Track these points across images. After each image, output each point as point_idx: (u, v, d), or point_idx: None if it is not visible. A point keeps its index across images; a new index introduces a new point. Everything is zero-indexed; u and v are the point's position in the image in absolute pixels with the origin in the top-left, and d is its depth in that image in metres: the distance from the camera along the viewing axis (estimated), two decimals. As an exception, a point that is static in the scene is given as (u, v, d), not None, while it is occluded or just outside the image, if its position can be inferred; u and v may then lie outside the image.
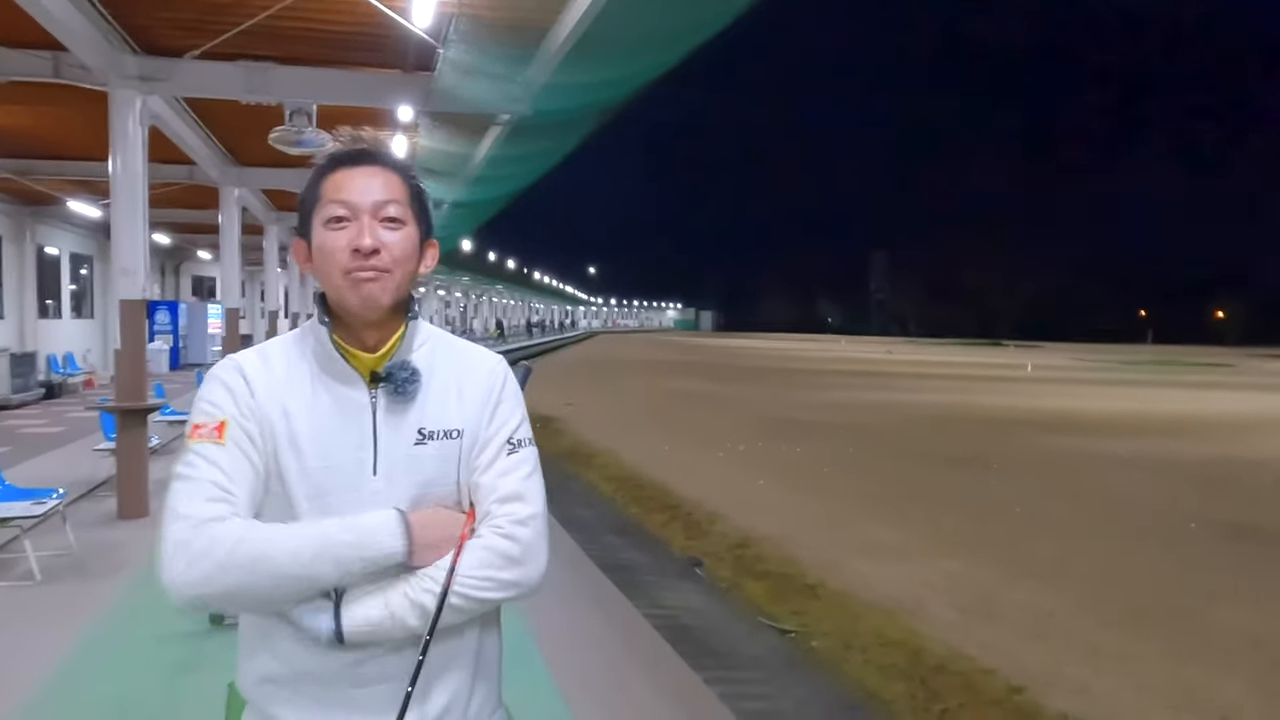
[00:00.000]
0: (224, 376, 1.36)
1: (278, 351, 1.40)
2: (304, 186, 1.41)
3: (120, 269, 7.16)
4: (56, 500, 5.88)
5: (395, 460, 1.35)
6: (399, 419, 1.36)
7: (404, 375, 1.36)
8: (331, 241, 1.34)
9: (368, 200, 1.34)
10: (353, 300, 1.34)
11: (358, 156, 1.38)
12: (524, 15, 6.09)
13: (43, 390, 16.39)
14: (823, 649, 5.59)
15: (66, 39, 6.21)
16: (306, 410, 1.34)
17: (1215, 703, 4.78)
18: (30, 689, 3.99)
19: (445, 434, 1.38)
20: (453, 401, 1.40)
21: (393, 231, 1.35)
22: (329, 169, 1.38)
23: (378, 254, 1.33)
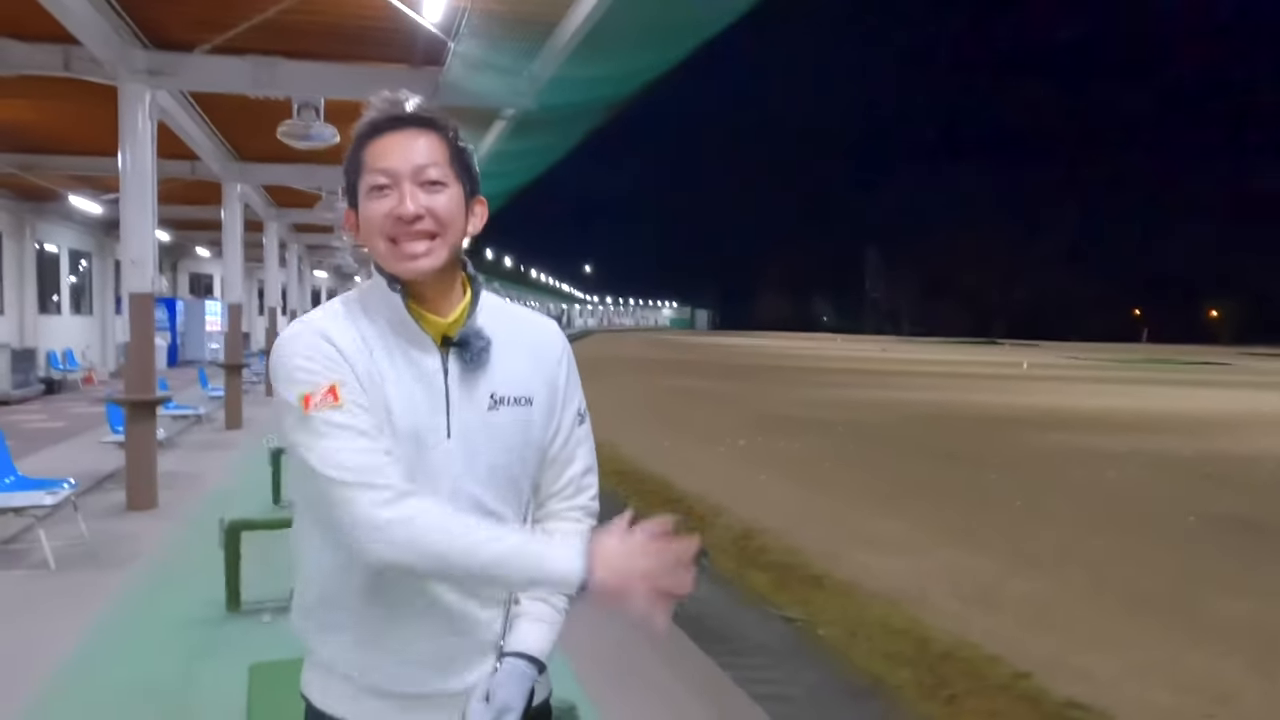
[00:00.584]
0: (308, 342, 1.32)
1: (342, 316, 1.37)
2: (347, 154, 1.40)
3: (130, 261, 7.20)
4: (69, 490, 5.94)
5: (469, 424, 1.36)
6: (471, 384, 1.37)
7: (479, 344, 1.36)
8: (374, 209, 1.33)
9: (408, 165, 1.32)
10: (399, 268, 1.33)
11: (395, 121, 1.35)
12: (534, 9, 6.15)
13: (43, 386, 16.43)
14: (829, 637, 5.66)
15: (79, 31, 6.26)
16: (381, 373, 1.33)
17: (1215, 684, 4.86)
18: (51, 672, 4.05)
19: (516, 400, 1.39)
20: (524, 369, 1.41)
21: (436, 194, 1.33)
22: (368, 135, 1.36)
23: (421, 219, 1.32)
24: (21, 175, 12.80)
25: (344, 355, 1.31)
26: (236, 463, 9.62)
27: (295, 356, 1.31)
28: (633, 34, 6.25)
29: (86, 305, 21.24)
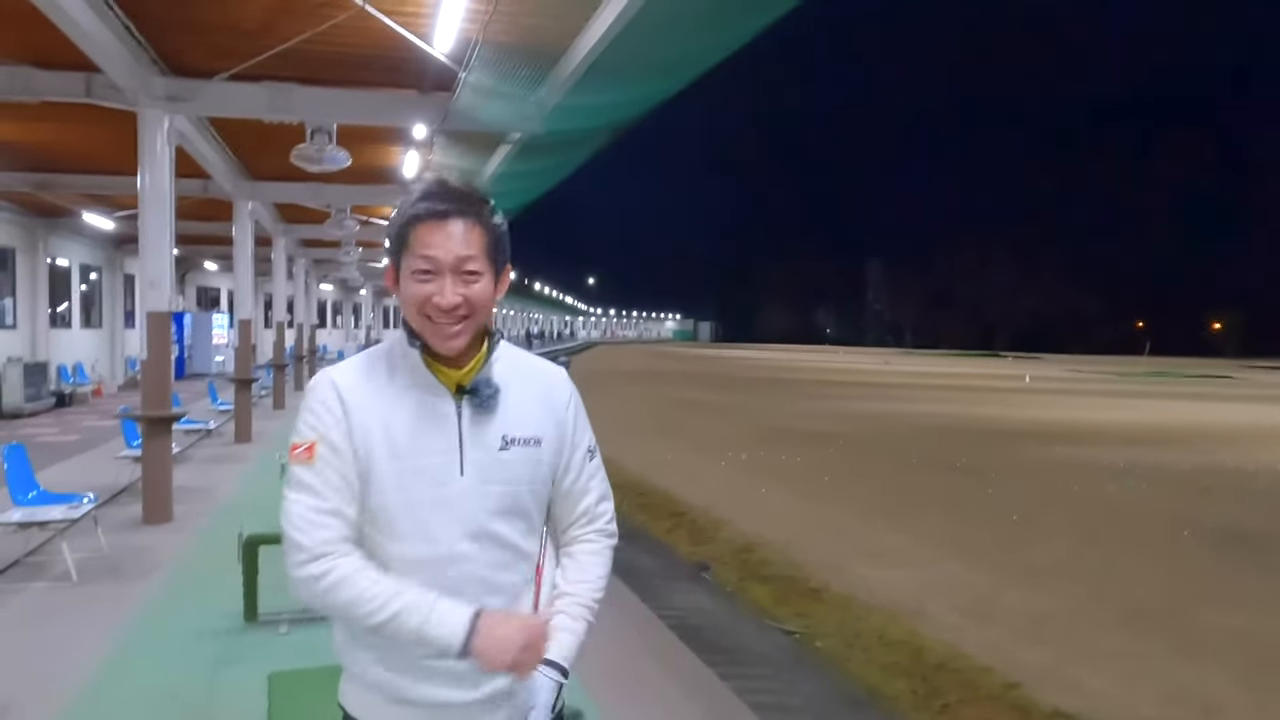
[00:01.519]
0: (318, 392, 1.52)
1: (367, 367, 1.56)
2: (391, 222, 1.54)
3: (148, 282, 7.41)
4: (89, 504, 6.12)
5: (481, 463, 1.51)
6: (483, 427, 1.53)
7: (488, 392, 1.53)
8: (416, 291, 1.49)
9: (450, 256, 1.48)
10: (433, 344, 1.51)
11: (443, 212, 1.48)
12: (542, 40, 6.35)
13: (54, 399, 16.62)
14: (827, 648, 5.82)
15: (101, 60, 6.47)
16: (399, 418, 1.50)
17: (1202, 696, 5.02)
18: (79, 681, 4.22)
19: (525, 441, 1.55)
20: (533, 412, 1.58)
21: (473, 284, 1.50)
22: (417, 220, 1.49)
23: (458, 308, 1.49)
24: (37, 193, 13.03)
25: (347, 407, 1.49)
26: (248, 477, 9.79)
27: (305, 407, 1.52)
28: (637, 64, 6.45)
29: (96, 319, 21.47)
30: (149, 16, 6.44)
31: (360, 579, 1.45)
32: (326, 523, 1.47)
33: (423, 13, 6.10)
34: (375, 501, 1.49)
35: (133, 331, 22.60)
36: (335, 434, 1.48)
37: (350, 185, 13.07)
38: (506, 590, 1.55)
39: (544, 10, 5.94)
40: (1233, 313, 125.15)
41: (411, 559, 1.49)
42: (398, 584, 1.45)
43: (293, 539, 1.47)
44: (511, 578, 1.55)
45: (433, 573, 1.48)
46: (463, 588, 1.48)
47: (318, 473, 1.48)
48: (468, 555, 1.50)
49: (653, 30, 5.77)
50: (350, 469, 1.48)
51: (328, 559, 1.45)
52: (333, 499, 1.47)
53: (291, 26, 6.35)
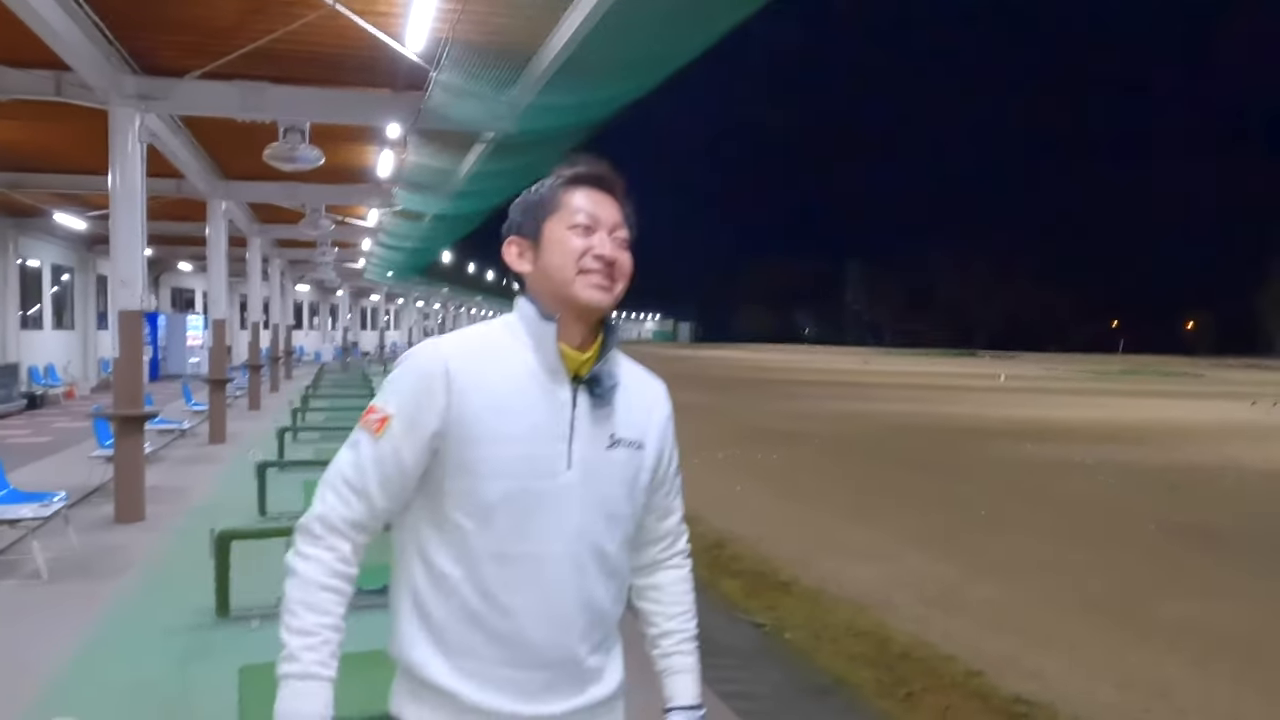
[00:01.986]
0: (421, 362, 1.44)
1: (484, 339, 1.50)
2: (534, 192, 1.54)
3: (119, 281, 7.40)
4: (60, 503, 6.12)
5: (589, 459, 1.46)
6: (595, 421, 1.48)
7: (609, 383, 1.49)
8: (574, 243, 1.47)
9: (610, 218, 1.50)
10: (582, 296, 1.46)
11: (603, 180, 1.53)
12: (513, 39, 6.41)
13: (25, 401, 16.48)
14: (795, 640, 5.91)
15: (71, 59, 6.48)
16: (510, 399, 1.42)
17: (1157, 682, 5.15)
18: (50, 675, 4.24)
19: (630, 443, 1.51)
20: (640, 416, 1.55)
21: (622, 251, 1.51)
22: (574, 183, 1.52)
23: (614, 265, 1.49)
24: (8, 193, 12.93)
25: (452, 388, 1.41)
26: (221, 476, 9.78)
27: (402, 374, 1.46)
28: (608, 64, 6.53)
29: (68, 320, 21.30)
30: (119, 15, 6.45)
31: (313, 593, 1.39)
32: (350, 501, 1.42)
33: (394, 12, 6.15)
34: (469, 486, 1.41)
35: (105, 333, 22.41)
36: (420, 416, 1.41)
37: (325, 185, 13.07)
38: (603, 615, 1.49)
39: (514, 10, 6.00)
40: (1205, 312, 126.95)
41: (502, 553, 1.41)
42: (328, 628, 1.38)
43: (322, 494, 1.44)
44: (604, 592, 1.48)
45: (524, 572, 1.41)
46: (555, 595, 1.42)
47: (377, 448, 1.41)
48: (561, 558, 1.43)
49: (623, 30, 5.85)
50: (415, 459, 1.42)
51: (320, 541, 1.41)
52: (372, 481, 1.42)
53: (263, 25, 6.38)
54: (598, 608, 1.47)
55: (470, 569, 1.41)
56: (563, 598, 1.43)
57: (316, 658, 1.37)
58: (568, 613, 1.43)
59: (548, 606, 1.42)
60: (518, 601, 1.40)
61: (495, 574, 1.40)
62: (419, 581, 1.44)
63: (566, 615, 1.43)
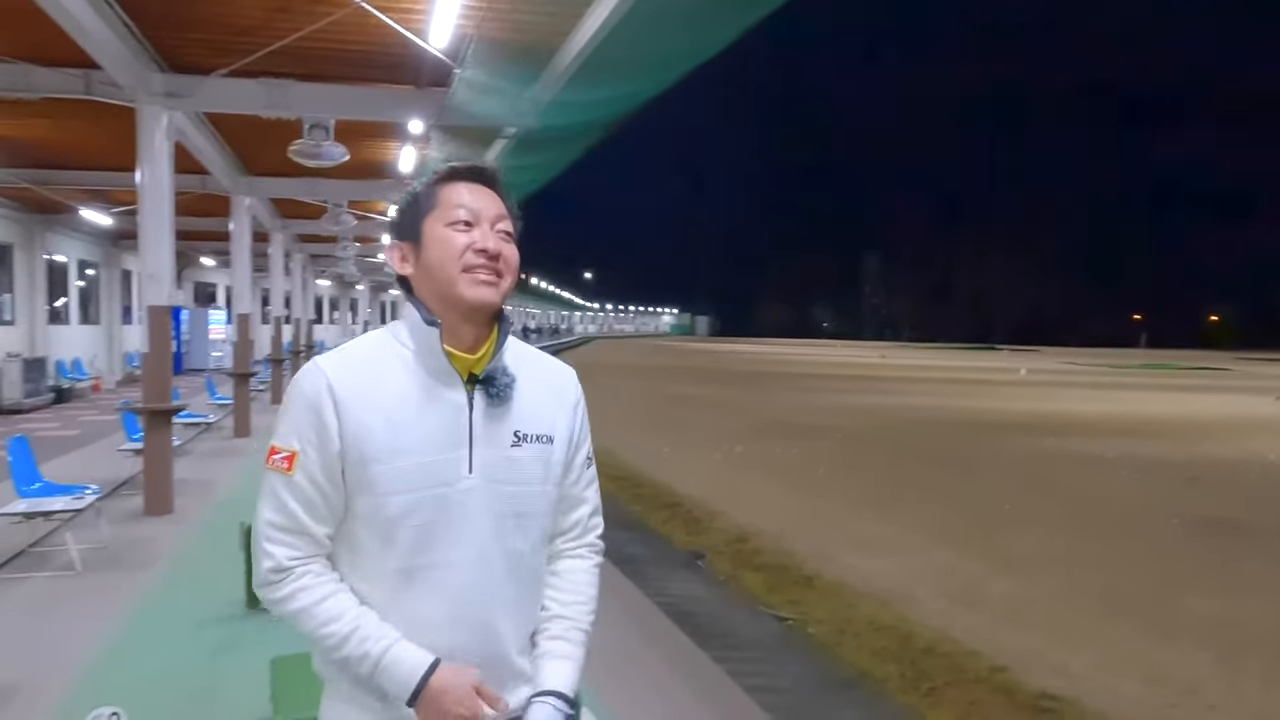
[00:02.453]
0: (307, 389, 1.39)
1: (366, 352, 1.44)
2: (410, 194, 1.49)
3: (148, 276, 7.49)
4: (93, 495, 6.21)
5: (492, 460, 1.41)
6: (495, 421, 1.43)
7: (504, 381, 1.43)
8: (455, 240, 1.42)
9: (490, 211, 1.45)
10: (468, 295, 1.40)
11: (478, 173, 1.48)
12: (535, 36, 6.44)
13: (53, 394, 16.69)
14: (818, 634, 5.93)
15: (100, 57, 6.55)
16: (401, 410, 1.38)
17: (1184, 678, 5.14)
18: (85, 664, 4.32)
19: (538, 438, 1.46)
20: (546, 408, 1.49)
21: (506, 244, 1.46)
22: (449, 179, 1.47)
23: (498, 259, 1.43)
24: (36, 190, 13.10)
25: (340, 405, 1.36)
26: (247, 470, 9.88)
27: (290, 403, 1.41)
28: (630, 60, 6.54)
29: (94, 315, 21.54)
30: (148, 13, 6.52)
31: (320, 610, 1.37)
32: (294, 543, 1.38)
33: (418, 9, 6.19)
34: (371, 504, 1.37)
35: (130, 327, 22.67)
36: (320, 440, 1.37)
37: (347, 180, 13.15)
38: (524, 615, 1.47)
39: (538, 7, 6.03)
40: (1229, 306, 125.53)
41: (410, 567, 1.38)
42: (356, 619, 1.37)
43: (263, 549, 1.39)
44: (522, 592, 1.46)
45: (434, 583, 1.38)
46: (468, 603, 1.39)
47: (292, 486, 1.38)
48: (471, 564, 1.39)
49: (645, 26, 5.86)
50: (333, 483, 1.38)
51: (289, 581, 1.38)
52: (302, 516, 1.38)
53: (289, 23, 6.43)
54: (518, 609, 1.45)
55: (380, 584, 1.38)
56: (477, 604, 1.40)
57: (374, 641, 1.36)
58: (484, 618, 1.41)
59: (462, 614, 1.39)
60: (430, 612, 1.38)
61: (406, 589, 1.37)
62: None
63: (483, 621, 1.40)
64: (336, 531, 1.42)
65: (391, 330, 1.46)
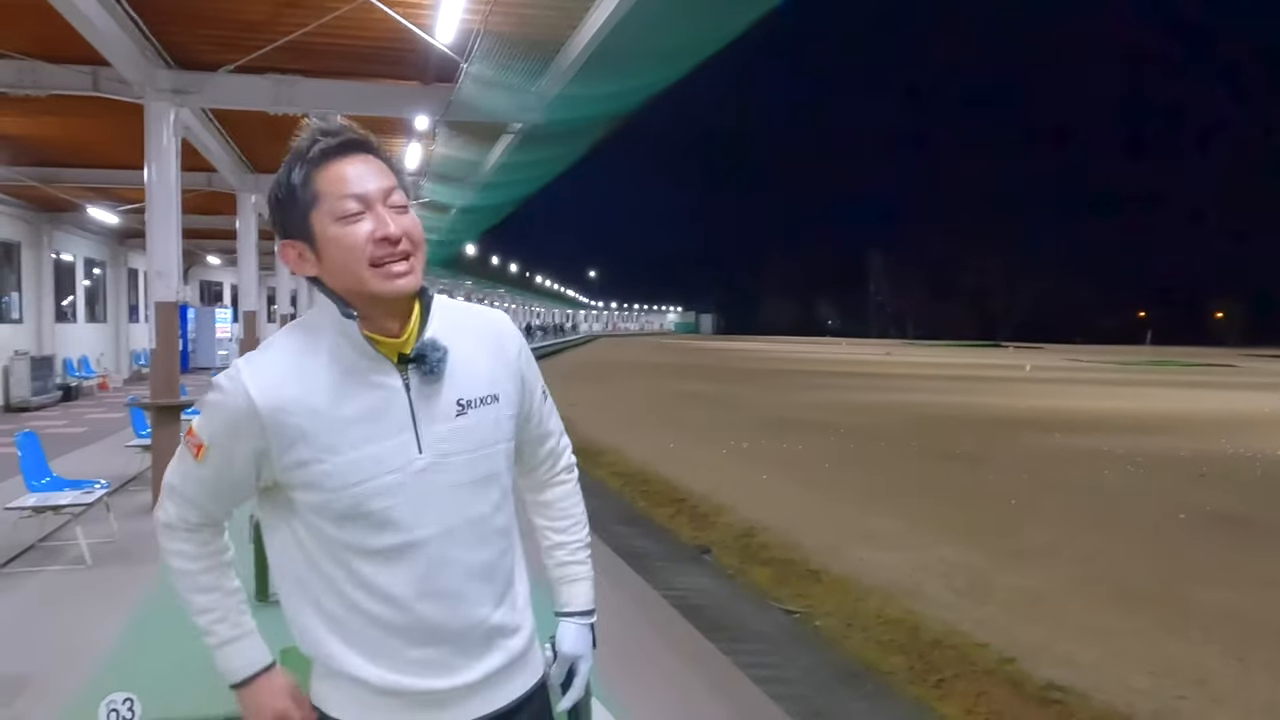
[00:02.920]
0: (226, 400, 1.35)
1: (289, 353, 1.38)
2: (283, 186, 1.37)
3: (155, 273, 7.53)
4: (103, 490, 6.25)
5: (440, 435, 1.38)
6: (434, 396, 1.38)
7: (435, 355, 1.37)
8: (352, 235, 1.32)
9: (375, 187, 1.34)
10: (387, 289, 1.33)
11: (349, 145, 1.35)
12: (542, 31, 6.46)
13: (60, 393, 16.77)
14: (826, 627, 5.94)
15: (108, 53, 6.58)
16: (335, 405, 1.34)
17: (1192, 670, 5.13)
18: (96, 655, 4.33)
19: (483, 401, 1.43)
20: (485, 367, 1.45)
21: (405, 216, 1.36)
22: (320, 162, 1.34)
23: (402, 240, 1.34)
24: (42, 187, 13.15)
25: (263, 416, 1.33)
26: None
27: (211, 403, 1.38)
28: (636, 54, 6.55)
29: (101, 313, 21.62)
30: (155, 9, 6.55)
31: (191, 580, 1.46)
32: (186, 509, 1.44)
33: (425, 4, 6.21)
34: (322, 499, 1.34)
35: (137, 326, 22.74)
36: (231, 446, 1.36)
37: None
38: (493, 573, 1.45)
39: (544, 1, 6.03)
40: (1235, 301, 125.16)
41: (374, 550, 1.36)
42: (220, 597, 1.46)
43: (161, 499, 1.47)
44: (489, 553, 1.44)
45: (401, 563, 1.37)
46: (437, 576, 1.38)
47: (199, 471, 1.40)
48: (434, 539, 1.38)
49: (652, 19, 5.88)
50: (241, 477, 1.39)
51: (175, 539, 1.45)
52: (200, 496, 1.43)
53: (296, 19, 6.45)
54: (487, 569, 1.44)
55: (347, 569, 1.37)
56: (446, 575, 1.39)
57: (224, 626, 1.47)
58: (455, 587, 1.40)
59: (433, 587, 1.38)
60: (401, 591, 1.37)
61: (373, 571, 1.36)
62: (307, 576, 1.40)
63: (455, 589, 1.40)
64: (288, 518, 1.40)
65: (309, 325, 1.40)
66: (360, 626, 1.38)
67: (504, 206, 17.77)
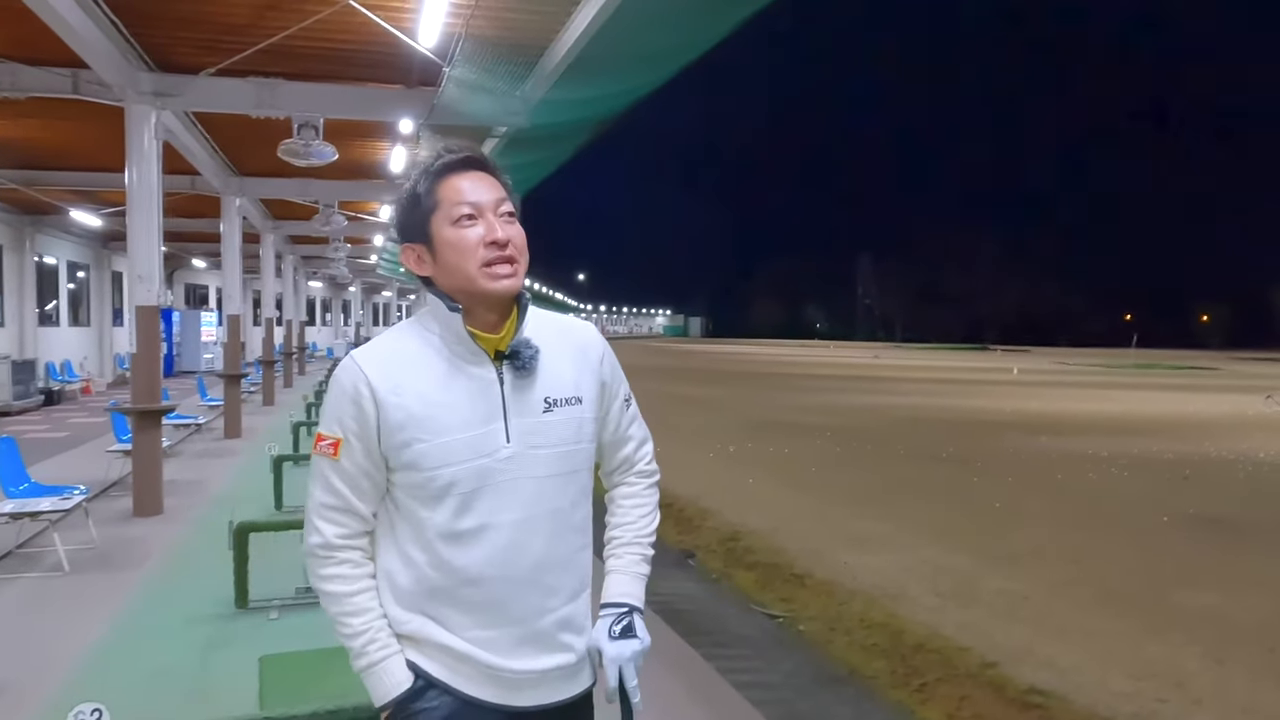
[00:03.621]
0: (345, 383, 1.51)
1: (400, 342, 1.55)
2: (406, 196, 1.55)
3: (136, 276, 7.47)
4: (81, 496, 6.19)
5: (526, 428, 1.52)
6: (525, 391, 1.53)
7: (529, 353, 1.53)
8: (465, 237, 1.49)
9: (490, 199, 1.52)
10: (492, 289, 1.49)
11: (467, 162, 1.54)
12: (524, 35, 6.43)
13: (42, 397, 16.62)
14: (809, 631, 5.93)
15: (88, 56, 6.53)
16: (438, 391, 1.49)
17: (1173, 672, 5.15)
18: (72, 664, 4.30)
19: (568, 401, 1.56)
20: (571, 371, 1.59)
21: (512, 225, 1.54)
22: (442, 175, 1.52)
23: (509, 245, 1.51)
24: (24, 190, 13.05)
25: (378, 396, 1.48)
26: (237, 470, 9.85)
27: (333, 395, 1.54)
28: (620, 58, 6.53)
29: (84, 317, 21.46)
30: (135, 12, 6.50)
31: (349, 602, 1.52)
32: (340, 520, 1.53)
33: (407, 7, 6.18)
34: (419, 478, 1.48)
35: (121, 329, 22.59)
36: (360, 427, 1.49)
37: (338, 181, 13.13)
38: (567, 567, 1.56)
39: (527, 4, 6.02)
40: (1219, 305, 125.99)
41: (458, 532, 1.48)
42: (371, 621, 1.52)
43: (313, 525, 1.55)
44: (565, 547, 1.55)
45: (481, 545, 1.49)
46: (514, 561, 1.50)
47: (339, 469, 1.52)
48: (516, 525, 1.50)
49: (635, 23, 5.86)
50: (374, 464, 1.51)
51: (333, 563, 1.53)
52: (350, 496, 1.52)
53: (277, 21, 6.42)
54: (561, 562, 1.55)
55: (429, 549, 1.50)
56: (521, 562, 1.50)
57: (376, 647, 1.52)
58: (529, 574, 1.51)
59: (507, 573, 1.50)
60: (477, 571, 1.49)
61: (454, 551, 1.49)
62: (391, 563, 1.54)
63: (528, 577, 1.51)
64: (384, 504, 1.56)
65: (419, 320, 1.57)
66: (433, 605, 1.51)
67: (491, 210, 17.70)
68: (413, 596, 1.52)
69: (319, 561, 1.54)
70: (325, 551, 1.53)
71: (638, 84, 7.54)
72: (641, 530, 1.73)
